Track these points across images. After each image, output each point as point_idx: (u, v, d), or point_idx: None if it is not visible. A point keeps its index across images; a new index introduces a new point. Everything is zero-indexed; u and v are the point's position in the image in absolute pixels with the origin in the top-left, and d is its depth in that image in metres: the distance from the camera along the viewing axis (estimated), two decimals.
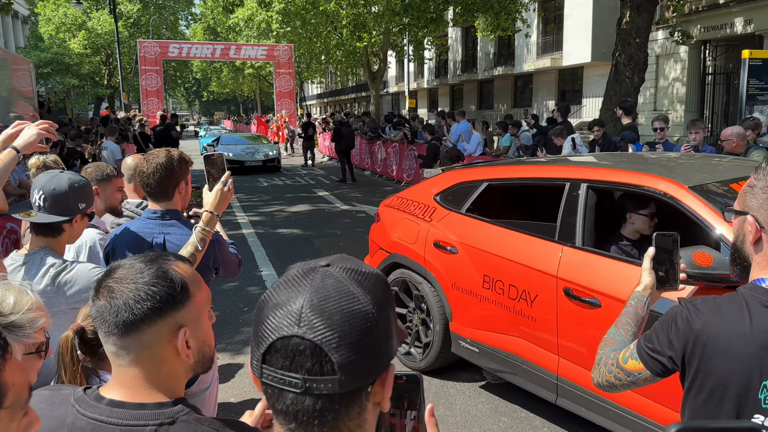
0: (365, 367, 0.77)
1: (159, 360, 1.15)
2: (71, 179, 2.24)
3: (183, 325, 1.16)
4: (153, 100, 26.40)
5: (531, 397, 4.28)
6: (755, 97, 11.72)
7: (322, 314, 0.75)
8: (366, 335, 0.77)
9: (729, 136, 6.46)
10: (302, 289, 0.78)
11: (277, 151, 20.16)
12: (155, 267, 1.16)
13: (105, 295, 1.13)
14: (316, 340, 0.74)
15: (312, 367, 0.74)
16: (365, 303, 0.78)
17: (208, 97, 76.81)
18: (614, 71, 12.88)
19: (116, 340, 1.12)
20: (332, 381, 0.75)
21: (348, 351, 0.75)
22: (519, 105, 30.27)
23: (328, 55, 28.99)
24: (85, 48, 36.84)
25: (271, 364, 0.77)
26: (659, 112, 20.86)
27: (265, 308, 0.79)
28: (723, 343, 1.35)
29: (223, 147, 19.86)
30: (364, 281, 0.80)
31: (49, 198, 2.17)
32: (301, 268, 0.82)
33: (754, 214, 1.38)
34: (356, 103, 51.37)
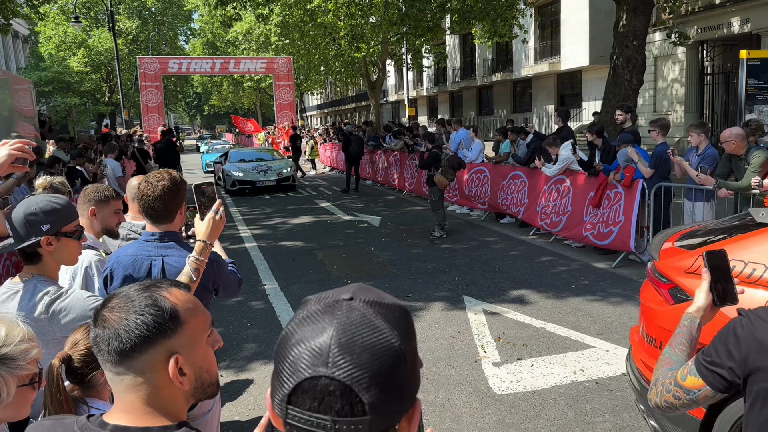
0: (395, 406, 0.75)
1: (156, 386, 1.16)
2: (29, 203, 2.16)
3: (175, 353, 1.16)
4: (154, 115, 26.49)
5: (537, 408, 4.25)
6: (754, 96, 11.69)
7: (351, 353, 0.73)
8: (396, 373, 0.74)
9: (728, 138, 6.44)
10: (327, 325, 0.75)
11: (292, 168, 17.84)
12: (146, 295, 1.18)
13: (99, 324, 1.16)
14: (346, 381, 0.72)
15: (342, 408, 0.72)
16: (393, 338, 0.75)
17: (209, 111, 77.11)
18: (613, 74, 12.88)
19: (112, 367, 1.15)
20: (363, 422, 0.72)
21: (379, 390, 0.73)
22: (518, 110, 30.30)
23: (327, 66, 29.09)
24: (85, 66, 37.06)
25: (297, 404, 0.73)
26: (659, 113, 20.85)
27: (287, 345, 0.76)
28: None
29: (233, 165, 17.59)
30: (389, 315, 0.78)
31: (12, 224, 2.15)
32: (323, 301, 0.79)
33: None
34: (356, 112, 51.49)
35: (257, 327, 6.10)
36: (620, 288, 6.86)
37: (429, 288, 7.12)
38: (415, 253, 9.00)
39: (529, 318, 6.03)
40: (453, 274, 7.67)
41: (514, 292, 6.90)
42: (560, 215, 9.16)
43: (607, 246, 8.10)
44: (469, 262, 8.29)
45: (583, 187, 8.74)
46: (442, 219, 10.13)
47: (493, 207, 11.27)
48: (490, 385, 4.62)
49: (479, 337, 5.59)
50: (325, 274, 8.06)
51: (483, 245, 9.37)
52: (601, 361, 4.93)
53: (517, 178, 10.45)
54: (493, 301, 6.58)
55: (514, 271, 7.75)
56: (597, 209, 8.32)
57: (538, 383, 4.62)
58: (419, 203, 13.91)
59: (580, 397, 4.37)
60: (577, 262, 8.10)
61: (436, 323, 5.95)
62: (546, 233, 9.63)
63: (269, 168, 17.41)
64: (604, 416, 4.09)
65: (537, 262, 8.18)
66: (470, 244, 9.51)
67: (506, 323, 5.90)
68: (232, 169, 17.27)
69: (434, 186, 9.94)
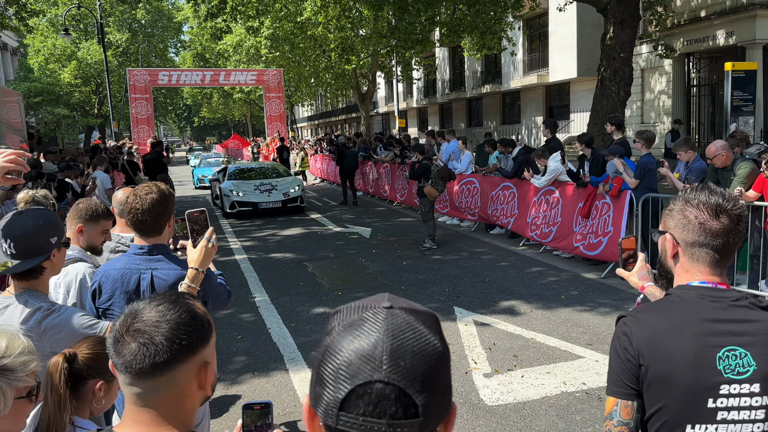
0: (442, 407, 0.78)
1: (184, 396, 1.17)
2: (33, 217, 2.11)
3: (207, 361, 1.20)
4: (143, 127, 26.42)
5: (528, 419, 4.25)
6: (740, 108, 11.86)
7: (404, 357, 0.75)
8: (443, 374, 0.78)
9: (716, 152, 6.52)
10: (375, 332, 0.77)
11: (300, 187, 15.22)
12: (181, 306, 1.19)
13: (136, 338, 1.13)
14: (401, 384, 0.74)
15: (396, 411, 0.73)
16: (437, 342, 0.79)
17: (200, 123, 77.02)
18: (600, 86, 13.02)
19: (145, 382, 1.13)
20: (415, 424, 0.74)
21: (431, 392, 0.75)
22: (508, 122, 30.51)
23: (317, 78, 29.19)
24: (75, 78, 36.93)
25: (350, 410, 0.74)
26: (647, 124, 21.07)
27: (334, 353, 0.77)
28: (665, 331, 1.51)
29: (232, 183, 15.13)
30: (426, 320, 0.80)
31: (18, 243, 2.06)
32: (363, 310, 0.80)
33: (671, 233, 1.63)
34: (347, 123, 51.62)
35: (247, 340, 6.07)
36: (609, 298, 6.90)
37: (419, 299, 7.12)
38: (406, 264, 9.00)
39: (520, 329, 6.04)
40: (443, 285, 7.68)
41: (505, 302, 6.92)
42: (550, 226, 9.21)
43: (596, 257, 8.15)
44: (460, 273, 8.30)
45: (572, 197, 8.80)
46: (432, 230, 10.15)
47: (483, 218, 11.32)
48: (481, 396, 4.62)
49: (470, 348, 5.59)
50: (315, 285, 8.04)
51: (473, 256, 9.40)
52: (591, 372, 4.94)
53: (507, 189, 10.51)
54: (483, 311, 6.59)
55: (504, 282, 7.77)
56: (586, 220, 8.37)
57: (528, 394, 4.62)
58: (410, 214, 13.93)
59: (570, 408, 4.38)
60: (566, 273, 8.14)
61: None
62: (536, 244, 9.68)
63: (274, 187, 14.88)
64: (594, 426, 4.10)
65: (527, 273, 8.21)
66: (460, 255, 9.53)
67: (496, 334, 5.91)
68: (231, 188, 14.80)
69: (425, 197, 9.98)
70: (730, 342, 1.48)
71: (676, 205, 1.63)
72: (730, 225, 1.55)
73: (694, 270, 1.59)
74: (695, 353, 1.47)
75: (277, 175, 16.19)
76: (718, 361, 1.47)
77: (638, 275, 1.96)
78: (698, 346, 1.48)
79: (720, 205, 1.55)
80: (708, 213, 1.55)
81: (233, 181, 15.27)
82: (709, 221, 1.55)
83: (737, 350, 1.47)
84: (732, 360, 1.47)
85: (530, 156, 9.83)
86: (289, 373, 5.25)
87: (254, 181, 15.23)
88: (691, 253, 1.59)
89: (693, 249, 1.58)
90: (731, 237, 1.55)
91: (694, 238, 1.57)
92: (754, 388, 1.47)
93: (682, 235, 1.59)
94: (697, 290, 1.56)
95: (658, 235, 1.69)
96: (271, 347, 5.86)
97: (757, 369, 1.47)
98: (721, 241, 1.55)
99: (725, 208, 1.55)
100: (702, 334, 1.49)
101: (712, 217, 1.55)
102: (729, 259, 1.59)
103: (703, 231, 1.55)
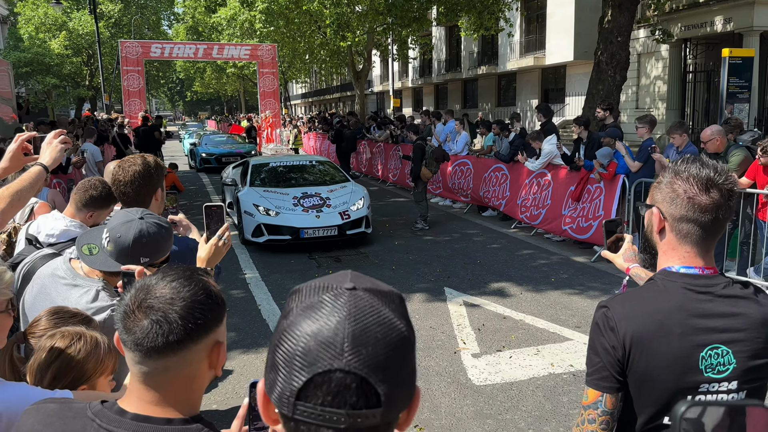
0: (405, 395, 0.74)
1: (194, 377, 1.13)
2: (141, 232, 1.99)
3: (220, 341, 1.16)
4: (135, 100, 26.09)
5: (515, 399, 4.29)
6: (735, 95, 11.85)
7: (366, 344, 0.70)
8: (407, 360, 0.74)
9: (710, 136, 6.52)
10: (336, 315, 0.72)
11: (365, 200, 9.27)
12: (197, 283, 1.12)
13: (148, 315, 1.07)
14: (363, 374, 0.69)
15: (357, 401, 0.69)
16: (402, 327, 0.74)
17: (192, 97, 76.21)
18: (596, 70, 12.96)
19: (155, 360, 1.08)
20: (376, 414, 0.70)
21: (394, 380, 0.71)
22: (503, 104, 30.40)
23: (312, 55, 28.86)
24: (66, 48, 36.34)
25: (308, 400, 0.70)
26: (641, 110, 21.04)
27: (290, 338, 0.72)
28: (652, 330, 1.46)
29: (257, 193, 9.27)
30: (390, 302, 0.76)
31: (113, 243, 2.01)
32: (324, 291, 0.75)
33: (658, 206, 1.54)
34: (341, 102, 51.28)
35: (237, 316, 6.07)
36: (599, 282, 6.94)
37: (410, 279, 7.14)
38: (398, 244, 9.00)
39: (509, 310, 6.08)
40: (434, 266, 7.69)
41: (495, 284, 6.94)
42: (539, 208, 9.23)
43: (587, 240, 8.19)
44: (451, 254, 8.32)
45: (564, 181, 8.81)
46: (425, 211, 10.14)
47: (475, 200, 11.32)
48: (469, 376, 4.65)
49: (459, 328, 5.62)
50: (306, 264, 8.04)
51: (465, 237, 9.41)
52: (578, 354, 4.98)
53: (499, 171, 10.49)
54: (473, 293, 6.62)
55: (494, 264, 7.79)
56: (576, 203, 8.39)
57: (516, 375, 4.66)
58: (402, 194, 13.91)
59: (557, 389, 4.42)
60: (557, 256, 8.17)
61: (417, 314, 5.96)
62: (527, 227, 9.70)
63: (325, 201, 9.08)
64: (580, 408, 4.14)
65: (518, 255, 8.23)
66: (452, 236, 9.54)
67: (486, 315, 5.94)
68: (258, 202, 8.96)
69: (418, 178, 9.94)
70: (714, 340, 1.46)
71: (665, 177, 1.54)
72: (720, 200, 1.46)
73: (681, 249, 1.52)
74: (681, 355, 1.45)
75: (328, 178, 10.30)
76: (701, 361, 1.45)
77: (624, 257, 1.91)
78: (684, 347, 1.45)
79: (711, 178, 1.46)
80: (698, 187, 1.46)
81: (260, 190, 9.43)
82: (698, 195, 1.46)
83: (720, 348, 1.46)
84: (714, 359, 1.46)
85: (525, 139, 9.80)
86: None
87: (292, 190, 9.40)
88: (678, 229, 1.50)
89: (680, 224, 1.49)
90: (721, 212, 1.46)
91: (681, 213, 1.48)
92: (731, 386, 1.46)
93: (670, 209, 1.51)
94: (684, 279, 1.50)
95: (645, 208, 1.60)
96: (261, 324, 5.87)
97: (736, 367, 1.45)
98: (710, 217, 1.46)
99: (716, 182, 1.46)
100: (688, 334, 1.45)
101: (702, 191, 1.46)
102: (717, 237, 1.52)
103: (692, 205, 1.47)
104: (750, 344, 1.47)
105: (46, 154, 2.40)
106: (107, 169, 3.51)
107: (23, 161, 2.41)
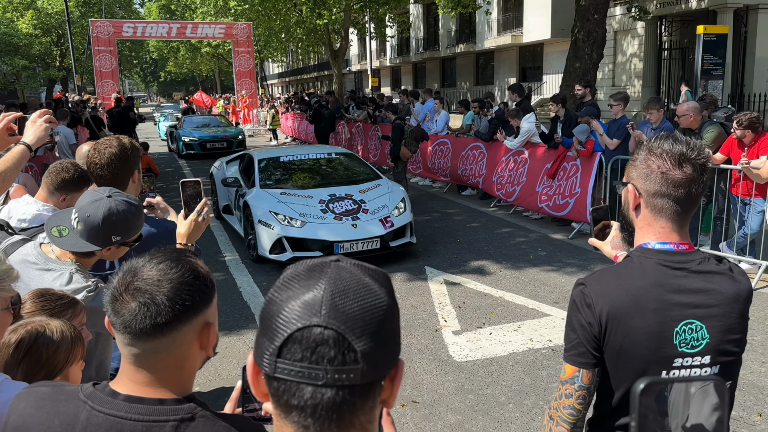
0: (384, 358, 0.77)
1: (184, 357, 1.14)
2: (110, 210, 1.97)
3: (210, 322, 1.17)
4: (108, 81, 25.54)
5: (496, 374, 4.36)
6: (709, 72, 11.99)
7: (344, 303, 0.74)
8: (385, 325, 0.76)
9: (686, 111, 6.60)
10: (319, 281, 0.76)
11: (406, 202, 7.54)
12: (184, 265, 1.13)
13: (136, 297, 1.08)
14: (340, 329, 0.72)
15: (335, 357, 0.72)
16: (382, 294, 0.78)
17: (166, 78, 74.82)
18: (573, 47, 12.99)
19: (144, 342, 1.09)
20: (354, 371, 0.73)
21: (370, 340, 0.74)
22: (481, 82, 30.37)
23: (288, 33, 28.43)
24: (34, 28, 35.35)
25: (287, 357, 0.73)
26: (618, 87, 21.19)
27: (276, 302, 0.76)
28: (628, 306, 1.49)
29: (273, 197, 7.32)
30: (375, 275, 0.80)
31: (82, 223, 1.98)
32: (309, 263, 0.80)
33: (634, 183, 1.57)
34: (318, 81, 50.78)
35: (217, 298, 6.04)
36: (576, 258, 7.04)
37: (391, 258, 7.16)
38: None
39: (489, 288, 6.14)
40: (415, 246, 7.73)
41: (475, 262, 7.01)
42: (515, 185, 9.31)
43: (564, 217, 8.28)
44: (431, 234, 8.36)
45: (541, 158, 8.87)
46: None
47: (454, 178, 11.35)
48: (450, 353, 4.71)
49: (440, 306, 5.68)
50: None
51: (445, 217, 9.45)
52: (557, 329, 5.07)
53: (477, 149, 10.52)
54: (454, 271, 6.67)
55: (474, 242, 7.85)
56: (552, 180, 8.46)
57: (496, 350, 4.73)
58: None
59: (536, 364, 4.50)
60: (535, 234, 8.26)
61: (398, 293, 6.00)
62: (506, 205, 9.77)
63: (360, 206, 7.24)
64: (558, 383, 4.22)
65: (497, 234, 8.30)
66: (432, 215, 9.58)
67: (466, 293, 6.00)
68: (276, 208, 7.10)
69: (398, 158, 9.93)
70: (689, 315, 1.48)
71: (640, 155, 1.56)
72: (693, 174, 1.48)
73: (656, 224, 1.54)
74: (656, 330, 1.48)
75: (356, 175, 8.32)
76: (674, 336, 1.48)
77: (612, 244, 1.91)
78: (659, 322, 1.48)
79: (684, 153, 1.49)
80: (671, 162, 1.49)
81: (275, 192, 7.46)
82: (671, 170, 1.49)
83: (694, 323, 1.49)
84: (688, 334, 1.48)
85: (504, 116, 9.82)
86: None
87: (317, 192, 7.48)
88: (653, 205, 1.53)
89: (655, 200, 1.52)
90: (694, 187, 1.49)
91: (656, 188, 1.51)
92: (704, 360, 1.50)
93: (645, 186, 1.53)
94: (659, 255, 1.52)
95: (621, 186, 1.64)
96: (242, 306, 5.86)
97: (709, 342, 1.49)
98: (683, 192, 1.49)
99: (689, 157, 1.49)
100: (662, 309, 1.48)
101: (675, 166, 1.49)
102: (691, 211, 1.54)
103: (665, 181, 1.49)
104: (723, 319, 1.49)
105: (30, 133, 2.38)
106: (80, 152, 3.44)
107: (7, 141, 2.38)
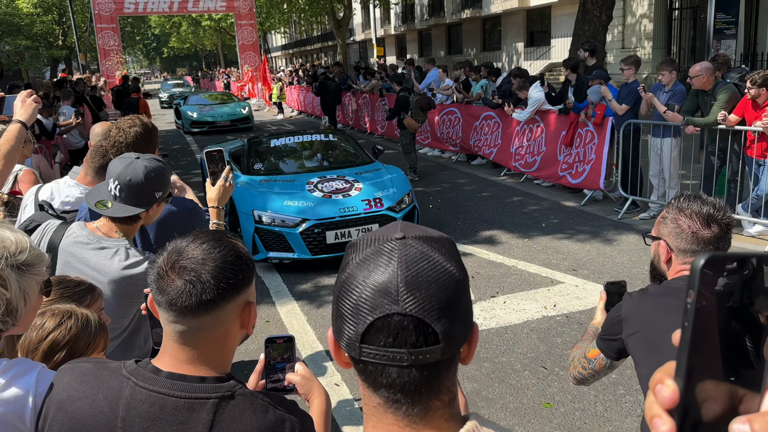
0: (462, 331, 0.80)
1: (226, 336, 1.18)
2: (147, 167, 2.07)
3: (250, 301, 1.21)
4: (112, 59, 25.42)
5: (510, 342, 4.39)
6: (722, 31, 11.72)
7: (419, 288, 0.76)
8: (460, 300, 0.79)
9: (699, 72, 6.48)
10: (389, 264, 0.77)
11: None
12: (226, 245, 1.18)
13: (182, 275, 1.12)
14: (419, 315, 0.75)
15: (417, 340, 0.76)
16: (452, 268, 0.79)
17: (169, 54, 74.24)
18: (582, 10, 12.72)
19: (189, 320, 1.13)
20: (436, 350, 0.77)
21: (448, 319, 0.77)
22: (488, 48, 29.91)
23: (290, 4, 28.08)
24: (35, 7, 35.04)
25: (371, 342, 0.77)
26: (627, 50, 20.80)
27: (351, 289, 0.78)
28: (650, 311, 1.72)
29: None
30: (441, 248, 0.80)
31: (125, 189, 2.04)
32: (375, 243, 0.80)
33: (665, 240, 1.75)
34: (322, 52, 50.22)
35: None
36: (588, 225, 7.01)
37: None
38: None
39: (501, 257, 6.15)
40: (426, 216, 7.72)
41: (486, 232, 7.00)
42: (534, 155, 9.21)
43: (578, 185, 8.22)
44: (442, 204, 8.34)
45: (556, 126, 8.77)
46: (414, 162, 10.10)
47: (464, 149, 11.27)
48: None
49: None
50: None
51: (455, 187, 9.42)
52: (571, 296, 5.08)
53: (490, 119, 10.41)
54: (465, 241, 6.67)
55: (485, 212, 7.84)
56: (570, 148, 8.37)
57: (510, 319, 4.76)
58: (391, 146, 13.81)
59: (551, 331, 4.53)
60: (546, 201, 8.22)
61: None
62: (517, 174, 9.71)
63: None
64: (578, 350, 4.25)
65: (508, 203, 8.28)
66: (442, 186, 9.55)
67: (479, 263, 6.01)
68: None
69: (405, 129, 9.86)
70: None
71: (669, 213, 1.74)
72: (720, 233, 1.66)
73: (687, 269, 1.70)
74: None
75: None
76: None
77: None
78: None
79: (711, 215, 1.66)
80: (700, 222, 1.67)
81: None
82: (701, 230, 1.66)
83: None
84: None
85: (511, 88, 9.66)
86: (276, 306, 5.32)
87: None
88: (683, 260, 1.71)
89: (686, 256, 1.70)
90: (721, 244, 1.67)
91: (686, 246, 1.69)
92: None
93: (675, 243, 1.71)
94: None
95: (651, 240, 1.83)
96: (257, 281, 5.90)
97: None
98: (712, 249, 1.66)
99: (716, 217, 1.66)
100: None
101: (704, 226, 1.66)
102: None
103: (695, 239, 1.67)
104: None
105: (21, 111, 2.42)
106: (93, 132, 3.44)
107: None
